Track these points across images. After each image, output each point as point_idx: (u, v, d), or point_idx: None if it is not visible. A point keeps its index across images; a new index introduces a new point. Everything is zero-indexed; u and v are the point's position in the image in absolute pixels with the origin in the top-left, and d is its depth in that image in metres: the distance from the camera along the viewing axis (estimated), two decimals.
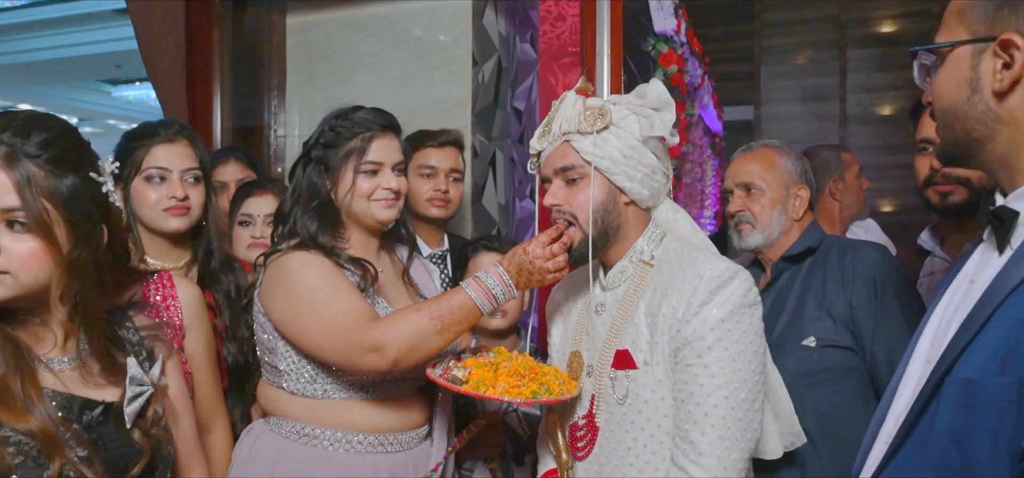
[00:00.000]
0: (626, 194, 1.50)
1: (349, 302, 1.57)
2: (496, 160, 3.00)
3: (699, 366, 1.38)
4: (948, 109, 1.03)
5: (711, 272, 1.41)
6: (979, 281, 1.03)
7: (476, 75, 2.87)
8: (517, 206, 3.07)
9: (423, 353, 1.53)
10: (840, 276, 1.87)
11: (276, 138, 3.17)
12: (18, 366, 1.13)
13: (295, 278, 1.60)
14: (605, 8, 2.43)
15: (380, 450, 1.67)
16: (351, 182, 1.67)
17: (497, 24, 3.00)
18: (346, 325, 1.54)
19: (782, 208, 1.97)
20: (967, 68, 1.00)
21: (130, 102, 12.61)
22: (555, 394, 1.46)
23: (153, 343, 1.32)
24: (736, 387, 1.37)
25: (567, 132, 1.50)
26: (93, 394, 1.21)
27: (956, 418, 0.94)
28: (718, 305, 1.39)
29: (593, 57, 2.44)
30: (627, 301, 1.51)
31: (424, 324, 1.51)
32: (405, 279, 1.84)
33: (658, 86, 1.49)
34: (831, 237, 2.03)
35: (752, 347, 1.40)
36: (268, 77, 3.14)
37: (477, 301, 1.53)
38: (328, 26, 3.07)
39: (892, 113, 6.62)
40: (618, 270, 1.54)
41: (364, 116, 1.71)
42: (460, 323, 1.53)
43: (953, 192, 1.94)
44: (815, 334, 1.84)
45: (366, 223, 1.72)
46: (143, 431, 1.22)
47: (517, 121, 3.11)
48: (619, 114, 1.49)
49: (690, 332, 1.40)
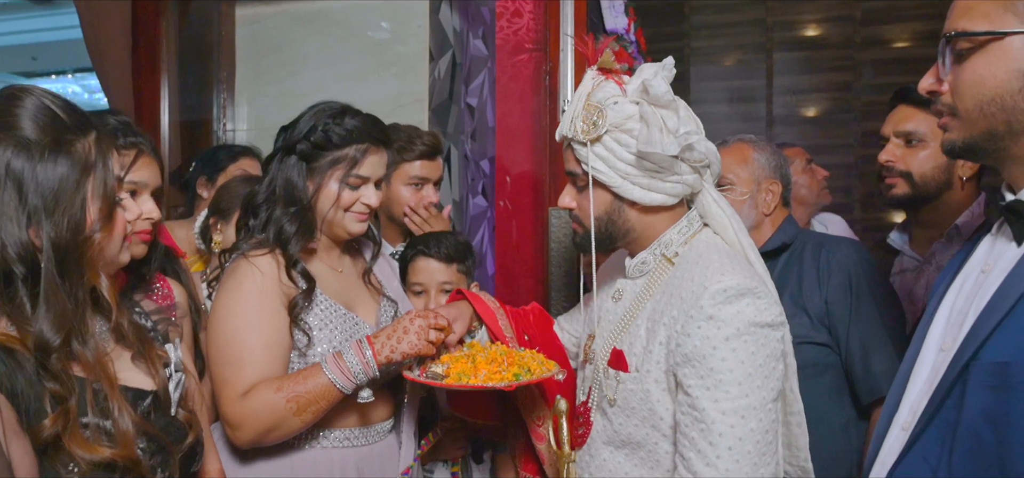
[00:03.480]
0: (632, 199, 1.41)
1: (251, 353, 1.54)
2: (451, 156, 3.01)
3: (701, 389, 1.25)
4: (991, 99, 1.00)
5: (718, 285, 1.27)
6: (995, 271, 1.04)
7: (433, 70, 2.88)
8: (470, 203, 3.08)
9: (282, 433, 1.53)
10: (815, 273, 1.85)
11: (225, 132, 3.11)
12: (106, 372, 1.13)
13: (231, 294, 1.58)
14: (569, 4, 2.43)
15: (347, 445, 1.67)
16: (336, 193, 1.63)
17: (452, 20, 3.01)
18: (225, 379, 1.54)
19: (752, 202, 1.95)
20: (1019, 58, 0.97)
21: None
22: (536, 375, 1.47)
23: (165, 327, 1.33)
24: (744, 416, 1.23)
25: (567, 137, 1.44)
26: (139, 383, 1.21)
27: (990, 400, 0.95)
28: (723, 323, 1.25)
29: (556, 53, 2.43)
30: (640, 297, 1.44)
31: (280, 406, 1.50)
32: (366, 279, 1.83)
33: (661, 83, 1.35)
34: (805, 232, 2.01)
35: (763, 372, 1.25)
36: (217, 70, 3.08)
37: (337, 382, 1.52)
38: (279, 18, 3.03)
39: (816, 114, 6.91)
40: (639, 261, 1.47)
41: (359, 126, 1.64)
42: (317, 403, 1.52)
43: (896, 185, 1.99)
44: (791, 331, 1.84)
45: (336, 232, 1.70)
46: (185, 409, 1.25)
47: (470, 118, 3.12)
48: (619, 115, 1.37)
49: (691, 349, 1.27)
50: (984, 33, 1.00)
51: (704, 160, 1.41)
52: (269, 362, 1.55)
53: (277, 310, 1.58)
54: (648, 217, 1.43)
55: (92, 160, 1.12)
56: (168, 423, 1.25)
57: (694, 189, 1.43)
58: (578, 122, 1.40)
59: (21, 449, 1.00)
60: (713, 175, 1.46)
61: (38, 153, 1.06)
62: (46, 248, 1.06)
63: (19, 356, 1.04)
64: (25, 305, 1.06)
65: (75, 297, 1.10)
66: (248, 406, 1.51)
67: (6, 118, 1.07)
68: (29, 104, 1.09)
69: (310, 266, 1.68)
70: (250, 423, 1.51)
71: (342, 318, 1.67)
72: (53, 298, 1.06)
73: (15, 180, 1.05)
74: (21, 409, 1.02)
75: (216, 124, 3.09)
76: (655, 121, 1.34)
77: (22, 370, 1.04)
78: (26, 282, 1.06)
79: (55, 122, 1.09)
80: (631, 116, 1.37)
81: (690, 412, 1.27)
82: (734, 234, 1.43)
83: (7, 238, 1.04)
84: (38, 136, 1.07)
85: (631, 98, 1.38)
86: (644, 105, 1.36)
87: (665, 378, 1.33)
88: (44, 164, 1.06)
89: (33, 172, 1.06)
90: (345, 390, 1.53)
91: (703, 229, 1.45)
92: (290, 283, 1.61)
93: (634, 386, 1.37)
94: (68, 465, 1.06)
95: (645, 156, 1.35)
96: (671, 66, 1.38)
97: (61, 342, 1.07)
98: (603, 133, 1.37)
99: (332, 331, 1.64)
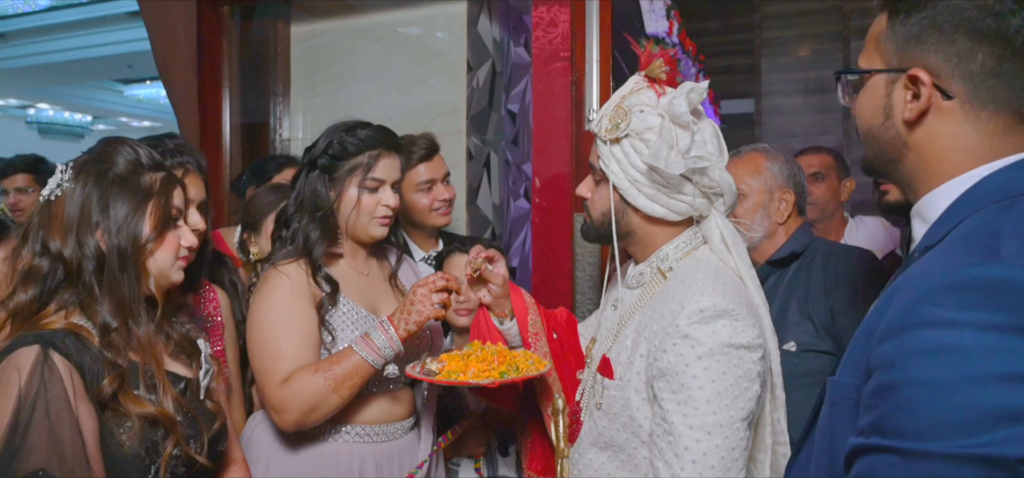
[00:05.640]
0: (635, 206, 1.46)
1: (287, 346, 1.69)
2: (491, 161, 3.11)
3: (673, 403, 1.29)
4: (866, 130, 1.07)
5: (695, 305, 1.30)
6: None
7: (471, 80, 2.99)
8: (511, 206, 3.17)
9: (323, 411, 1.68)
10: (823, 282, 1.87)
11: (281, 141, 3.31)
12: (154, 354, 1.42)
13: (264, 299, 1.74)
14: (594, 13, 2.50)
15: (367, 440, 1.80)
16: (356, 198, 1.79)
17: (491, 30, 3.11)
18: (267, 371, 1.70)
19: (765, 211, 1.97)
20: (882, 95, 1.04)
21: (141, 100, 12.88)
22: (523, 372, 1.55)
23: (198, 334, 1.56)
24: (710, 432, 1.26)
25: (594, 130, 1.49)
26: (177, 370, 1.47)
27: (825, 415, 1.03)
28: (697, 342, 1.28)
29: (582, 62, 2.51)
30: (633, 308, 1.48)
31: (319, 385, 1.65)
32: (392, 282, 1.97)
33: (682, 104, 1.38)
34: (819, 240, 2.02)
35: (733, 391, 1.27)
36: (273, 83, 3.29)
37: (367, 358, 1.67)
38: (329, 35, 3.21)
39: None
40: (638, 272, 1.52)
41: (371, 134, 1.81)
42: (352, 379, 1.67)
43: (889, 191, 1.94)
44: (796, 339, 1.84)
45: (360, 236, 1.85)
46: (213, 400, 1.52)
47: (511, 123, 3.22)
48: (642, 123, 1.41)
49: (666, 364, 1.31)
50: (857, 72, 1.08)
51: (716, 188, 1.43)
52: (304, 352, 1.71)
53: (306, 308, 1.74)
54: (650, 226, 1.48)
55: (154, 190, 1.43)
56: (199, 406, 1.47)
57: (701, 213, 1.46)
58: (606, 120, 1.46)
59: (86, 411, 1.28)
60: (725, 205, 1.48)
61: (112, 183, 1.39)
62: (109, 249, 1.37)
63: (85, 339, 1.33)
64: (96, 293, 1.36)
65: (131, 289, 1.39)
66: (290, 390, 1.66)
67: (100, 156, 1.42)
68: (122, 149, 1.43)
69: (336, 269, 1.82)
70: (293, 404, 1.66)
71: (363, 320, 1.80)
72: (113, 288, 1.37)
73: (91, 202, 1.37)
74: (87, 379, 1.29)
75: (273, 133, 3.30)
76: (669, 138, 1.38)
77: (88, 350, 1.32)
78: (96, 275, 1.36)
79: (134, 162, 1.43)
80: (651, 127, 1.41)
81: (662, 423, 1.31)
82: (734, 262, 1.45)
83: (85, 243, 1.36)
84: (118, 169, 1.40)
85: (659, 110, 1.42)
86: (666, 120, 1.40)
87: (645, 388, 1.38)
88: (115, 192, 1.38)
89: (104, 197, 1.38)
90: (376, 365, 1.69)
91: (701, 247, 1.48)
92: (317, 286, 1.77)
93: (617, 393, 1.43)
94: (123, 423, 1.32)
95: (654, 168, 1.39)
96: (703, 89, 1.41)
97: (119, 324, 1.36)
98: (623, 136, 1.43)
99: (353, 332, 1.77)
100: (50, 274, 1.35)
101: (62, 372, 1.25)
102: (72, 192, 1.37)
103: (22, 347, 1.26)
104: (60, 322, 1.33)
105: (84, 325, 1.34)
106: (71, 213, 1.36)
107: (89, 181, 1.38)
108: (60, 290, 1.36)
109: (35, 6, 8.72)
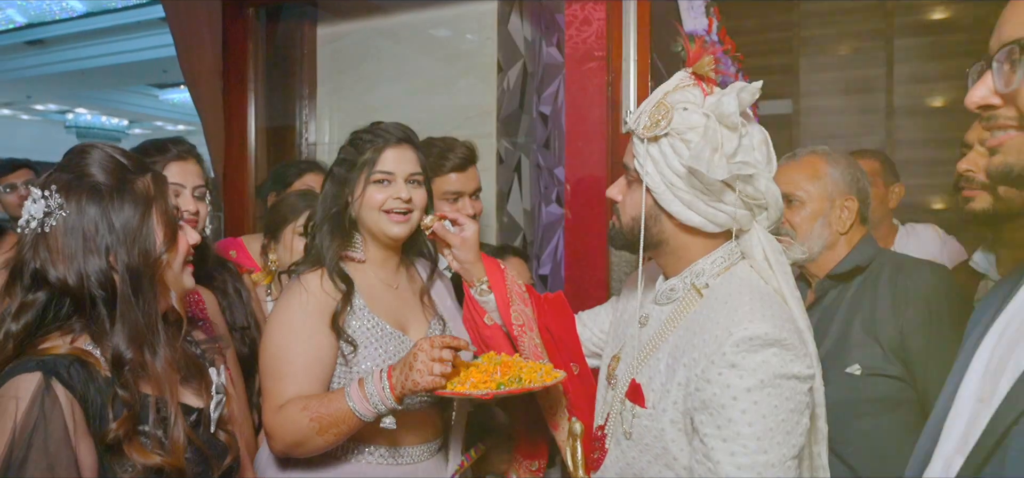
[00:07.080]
0: (669, 211, 1.36)
1: (289, 370, 1.63)
2: (521, 165, 3.02)
3: (717, 439, 1.18)
4: None
5: (743, 333, 1.20)
6: None
7: (501, 81, 2.89)
8: (543, 211, 3.08)
9: (307, 449, 1.60)
10: (891, 299, 1.71)
11: (307, 145, 3.25)
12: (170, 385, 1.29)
13: (278, 315, 1.69)
14: (631, 10, 2.40)
15: (391, 462, 1.71)
16: (366, 193, 1.72)
17: (522, 29, 3.02)
18: (268, 391, 1.65)
19: (825, 221, 1.82)
20: None
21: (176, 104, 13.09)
22: (525, 384, 1.46)
23: (212, 354, 1.47)
24: (760, 473, 1.16)
25: (631, 128, 1.39)
26: (188, 400, 1.35)
27: None
28: (746, 373, 1.18)
29: (619, 61, 2.41)
30: (664, 328, 1.38)
31: (304, 425, 1.57)
32: (424, 299, 1.87)
33: (731, 102, 1.28)
34: (884, 252, 1.87)
35: (785, 427, 1.17)
36: (299, 86, 3.23)
37: (356, 409, 1.56)
38: (356, 36, 3.14)
39: (944, 105, 6.39)
40: (668, 287, 1.41)
41: (379, 128, 1.76)
42: (338, 426, 1.57)
43: (976, 198, 1.81)
44: (860, 361, 1.69)
45: (378, 237, 1.76)
46: (225, 431, 1.40)
47: (543, 126, 3.12)
48: (684, 122, 1.31)
49: (710, 395, 1.20)
50: None
51: (760, 200, 1.33)
52: (307, 379, 1.63)
53: (319, 328, 1.65)
54: (685, 236, 1.37)
55: (152, 195, 1.30)
56: (210, 439, 1.37)
57: (741, 226, 1.35)
58: (644, 116, 1.36)
59: (86, 448, 1.17)
60: (770, 220, 1.37)
61: (108, 196, 1.24)
62: (121, 272, 1.24)
63: (92, 368, 1.20)
64: (105, 323, 1.24)
65: (147, 315, 1.26)
66: (280, 419, 1.60)
67: (78, 169, 1.26)
68: (95, 155, 1.28)
69: (362, 279, 1.74)
70: (280, 435, 1.61)
71: (388, 337, 1.71)
72: (127, 315, 1.24)
73: (93, 222, 1.23)
74: (90, 414, 1.18)
75: (299, 137, 3.24)
76: (713, 140, 1.27)
77: (94, 380, 1.20)
78: (106, 304, 1.24)
79: (118, 167, 1.28)
80: (694, 127, 1.30)
81: (705, 462, 1.20)
82: (776, 281, 1.34)
83: (90, 270, 1.22)
84: (106, 179, 1.25)
85: (704, 109, 1.32)
86: (711, 120, 1.29)
87: (682, 419, 1.27)
88: (115, 205, 1.25)
89: (107, 214, 1.24)
90: (364, 417, 1.58)
91: (740, 262, 1.36)
92: (335, 292, 1.68)
93: (649, 423, 1.32)
94: (125, 467, 1.21)
95: (694, 172, 1.28)
96: (755, 89, 1.31)
97: (133, 356, 1.23)
98: (662, 134, 1.32)
99: (376, 349, 1.68)
100: (49, 305, 1.23)
101: (64, 404, 1.14)
102: (66, 216, 1.22)
103: (23, 373, 1.15)
104: (65, 347, 1.22)
105: (92, 351, 1.23)
106: (71, 238, 1.22)
107: (82, 198, 1.23)
108: (65, 320, 1.24)
109: (72, 13, 8.87)
